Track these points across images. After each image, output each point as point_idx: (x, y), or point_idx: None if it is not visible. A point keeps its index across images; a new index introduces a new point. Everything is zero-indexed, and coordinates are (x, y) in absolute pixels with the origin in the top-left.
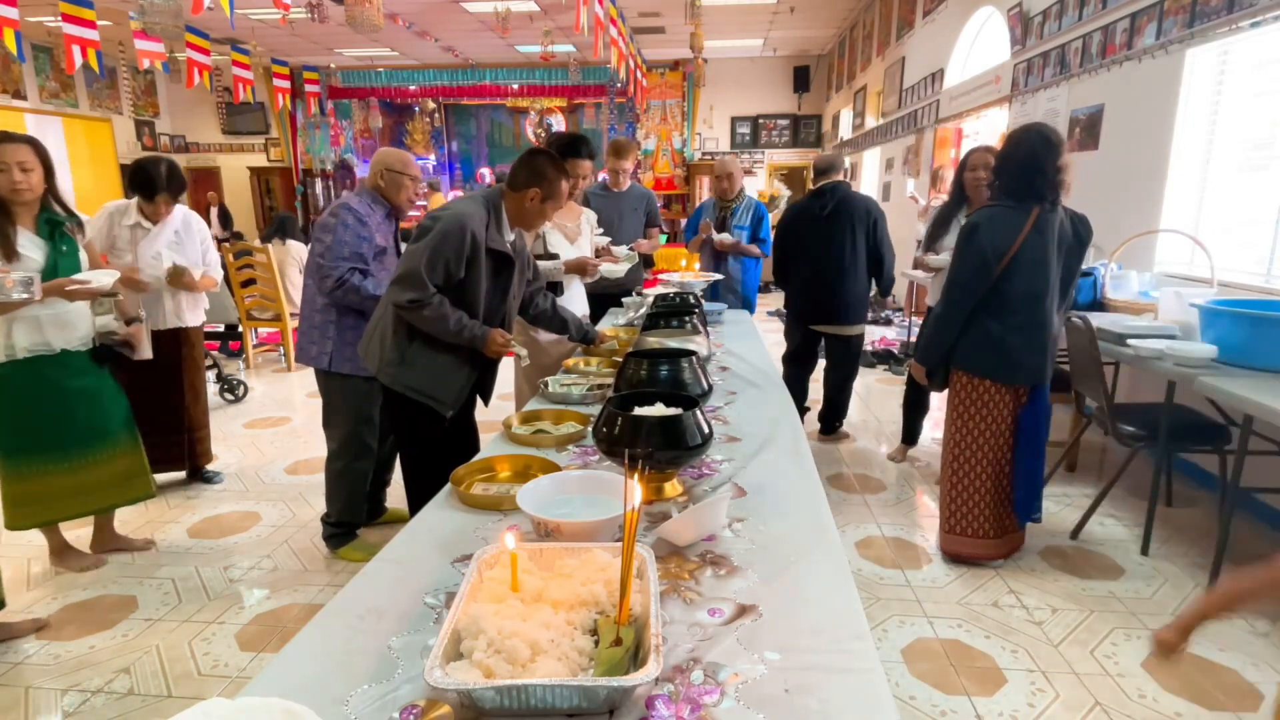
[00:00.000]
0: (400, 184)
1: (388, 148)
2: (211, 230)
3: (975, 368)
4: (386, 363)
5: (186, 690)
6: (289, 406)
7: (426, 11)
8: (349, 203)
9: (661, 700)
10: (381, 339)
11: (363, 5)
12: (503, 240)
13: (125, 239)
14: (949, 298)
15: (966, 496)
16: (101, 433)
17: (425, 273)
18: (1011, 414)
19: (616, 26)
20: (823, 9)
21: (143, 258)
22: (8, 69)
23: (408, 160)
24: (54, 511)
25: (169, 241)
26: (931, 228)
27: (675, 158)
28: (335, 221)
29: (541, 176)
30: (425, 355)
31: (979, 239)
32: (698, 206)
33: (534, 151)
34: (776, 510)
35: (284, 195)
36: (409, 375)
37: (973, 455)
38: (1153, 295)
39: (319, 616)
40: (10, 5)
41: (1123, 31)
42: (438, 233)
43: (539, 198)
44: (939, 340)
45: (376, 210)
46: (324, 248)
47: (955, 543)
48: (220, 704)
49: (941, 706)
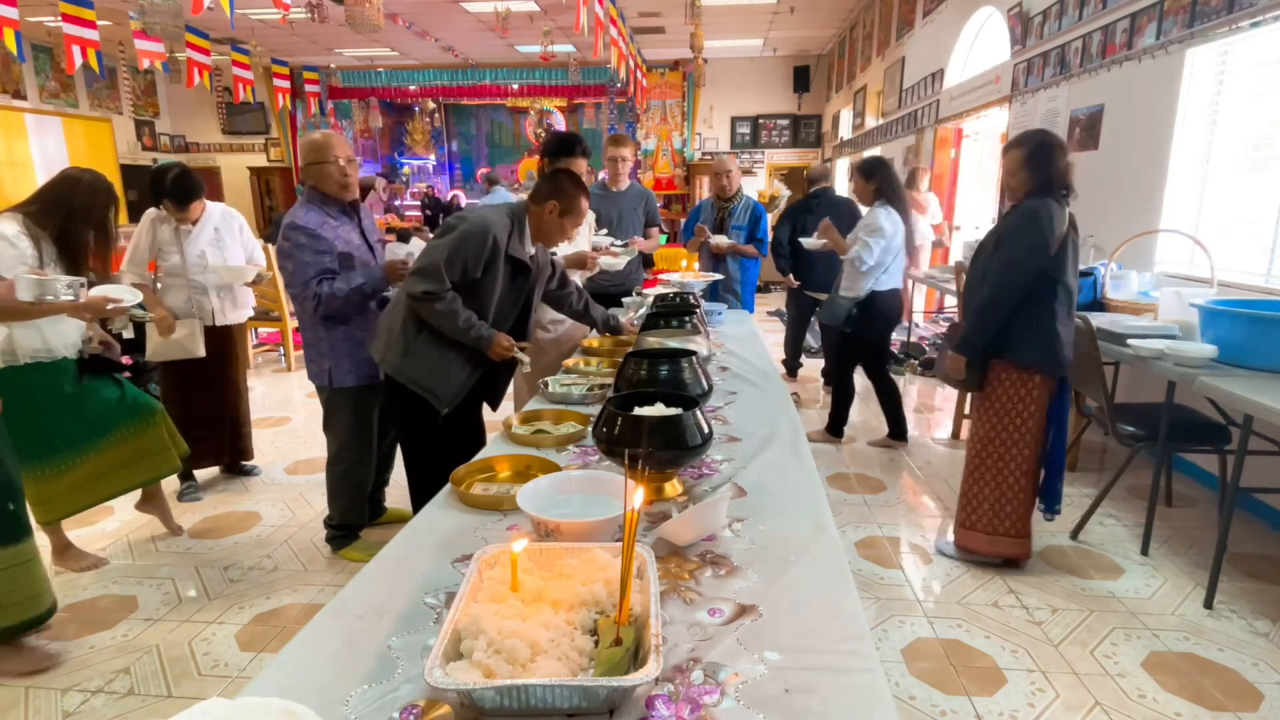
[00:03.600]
0: (324, 173)
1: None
2: None
3: (1028, 360)
4: (392, 352)
5: (186, 690)
6: (289, 406)
7: (426, 11)
8: (296, 220)
9: (661, 700)
10: (389, 329)
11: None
12: (523, 250)
13: (169, 240)
14: (1002, 284)
15: (993, 491)
16: (103, 425)
17: (444, 268)
18: (1048, 406)
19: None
20: (823, 9)
21: (188, 257)
22: (8, 69)
23: (324, 146)
24: (72, 504)
25: (210, 239)
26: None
27: (675, 158)
28: (289, 245)
29: (561, 192)
30: (430, 350)
31: (1040, 225)
32: (695, 206)
33: (557, 170)
34: (776, 510)
35: (284, 195)
36: (411, 367)
37: (1009, 449)
38: (1153, 295)
39: (319, 616)
40: (10, 5)
41: (1123, 31)
42: (461, 232)
43: (557, 210)
44: (988, 328)
45: (329, 212)
46: (289, 276)
47: (966, 537)
48: (220, 704)
49: (941, 706)
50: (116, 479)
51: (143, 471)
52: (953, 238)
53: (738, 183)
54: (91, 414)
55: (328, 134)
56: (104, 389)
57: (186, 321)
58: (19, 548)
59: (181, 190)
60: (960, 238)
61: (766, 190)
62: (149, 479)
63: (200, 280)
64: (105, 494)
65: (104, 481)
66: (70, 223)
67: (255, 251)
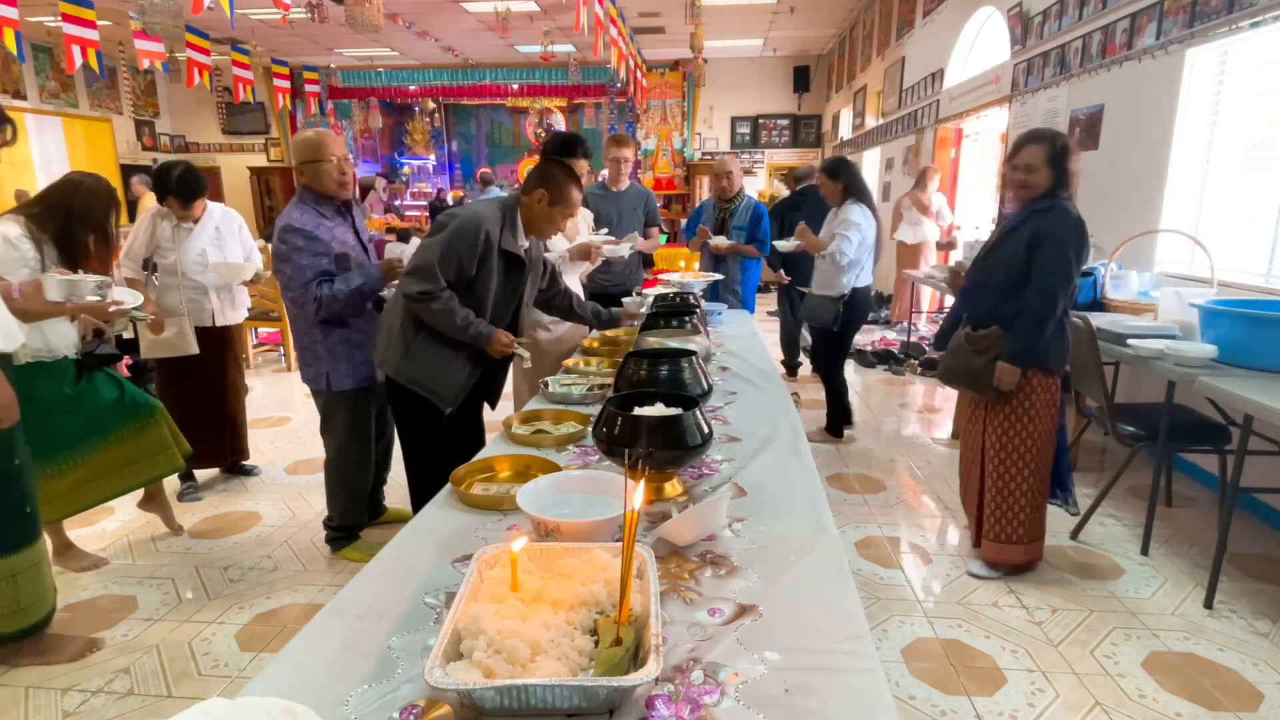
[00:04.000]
0: (320, 172)
1: (297, 136)
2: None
3: (1055, 363)
4: (391, 353)
5: (186, 690)
6: (289, 406)
7: (426, 11)
8: (291, 222)
9: (661, 700)
10: (388, 330)
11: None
12: (516, 244)
13: (168, 237)
14: (1059, 289)
15: (1028, 498)
16: (103, 424)
17: (438, 267)
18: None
19: (616, 26)
20: (823, 9)
21: (188, 255)
22: (8, 69)
23: (318, 144)
24: (73, 504)
25: (211, 238)
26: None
27: (675, 158)
28: (286, 249)
29: (549, 179)
30: (430, 350)
31: (1084, 228)
32: (698, 206)
33: (547, 159)
34: (776, 510)
35: (284, 195)
36: (411, 368)
37: (1038, 454)
38: (1153, 295)
39: (319, 616)
40: (10, 5)
41: (1123, 31)
42: (453, 229)
43: (546, 200)
44: (1046, 336)
45: (323, 212)
46: (286, 279)
47: (1003, 551)
48: (220, 704)
49: (941, 706)
50: (118, 478)
51: (144, 470)
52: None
53: (739, 184)
54: (92, 413)
55: (321, 132)
56: (104, 389)
57: (176, 320)
58: (34, 549)
59: (186, 188)
60: (960, 238)
61: (766, 190)
62: (151, 478)
63: (199, 279)
64: (107, 493)
65: (105, 481)
66: (69, 224)
67: (253, 252)
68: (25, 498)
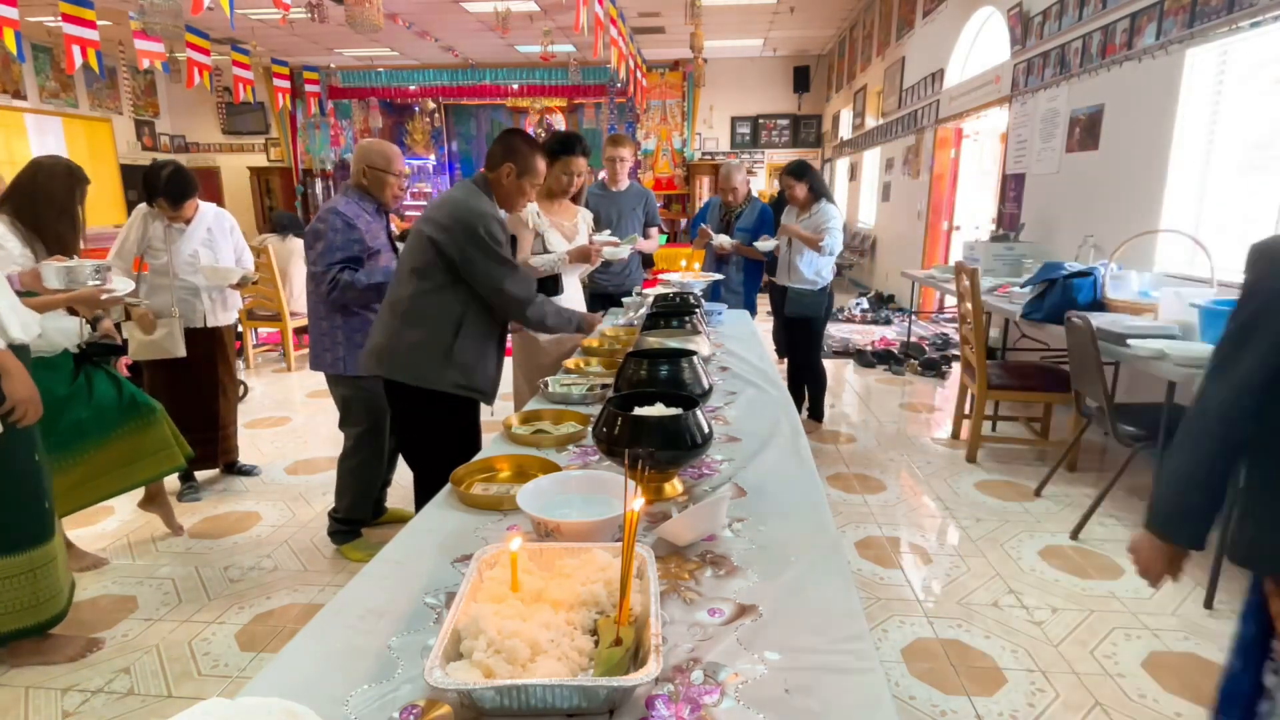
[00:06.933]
0: (384, 182)
1: (371, 141)
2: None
3: None
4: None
5: (186, 690)
6: (289, 406)
7: (426, 11)
8: (337, 206)
9: (661, 700)
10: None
11: (363, 5)
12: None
13: (160, 238)
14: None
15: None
16: (104, 423)
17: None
18: None
19: (616, 26)
20: (823, 9)
21: (179, 256)
22: (8, 69)
23: (391, 157)
24: (73, 502)
25: (203, 239)
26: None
27: (675, 158)
28: (324, 227)
29: (513, 151)
30: (468, 351)
31: None
32: (703, 205)
33: (507, 131)
34: (776, 510)
35: (284, 195)
36: (455, 374)
37: None
38: (1153, 295)
39: (319, 616)
40: (10, 5)
41: (1123, 31)
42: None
43: (514, 173)
44: None
45: (366, 209)
46: (315, 254)
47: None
48: (220, 704)
49: (941, 706)
50: (118, 477)
51: (145, 469)
52: (952, 237)
53: (744, 194)
54: (92, 412)
55: (393, 146)
56: (104, 388)
57: (165, 321)
58: (51, 544)
59: (176, 188)
60: (960, 238)
61: (767, 190)
62: (151, 476)
63: (191, 281)
64: (106, 492)
65: (105, 479)
66: (36, 207)
67: (245, 254)
68: (45, 493)
